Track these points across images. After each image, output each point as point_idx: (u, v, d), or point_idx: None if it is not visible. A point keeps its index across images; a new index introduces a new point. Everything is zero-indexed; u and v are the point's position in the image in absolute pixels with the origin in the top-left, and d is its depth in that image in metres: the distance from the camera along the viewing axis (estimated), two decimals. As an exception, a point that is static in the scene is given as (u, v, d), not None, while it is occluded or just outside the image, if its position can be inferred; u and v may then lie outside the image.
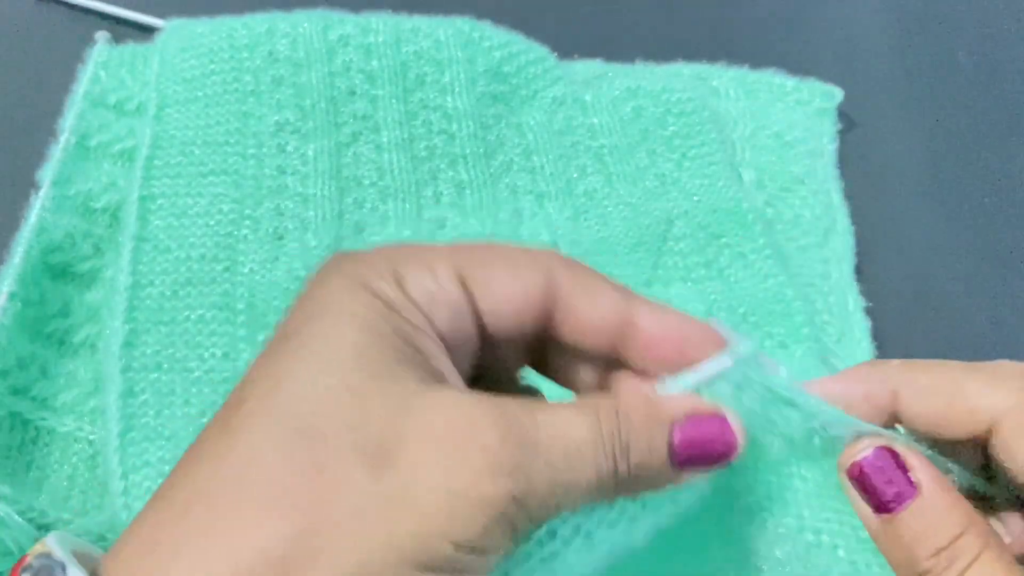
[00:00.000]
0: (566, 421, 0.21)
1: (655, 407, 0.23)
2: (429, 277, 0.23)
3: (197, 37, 0.45)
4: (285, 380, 0.21)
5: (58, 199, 0.40)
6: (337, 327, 0.21)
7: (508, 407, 0.21)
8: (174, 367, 0.37)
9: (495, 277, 0.24)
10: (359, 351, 0.21)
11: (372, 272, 0.23)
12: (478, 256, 0.24)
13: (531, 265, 0.24)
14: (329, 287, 0.23)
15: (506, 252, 0.25)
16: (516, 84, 0.47)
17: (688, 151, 0.46)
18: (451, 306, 0.23)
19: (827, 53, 0.54)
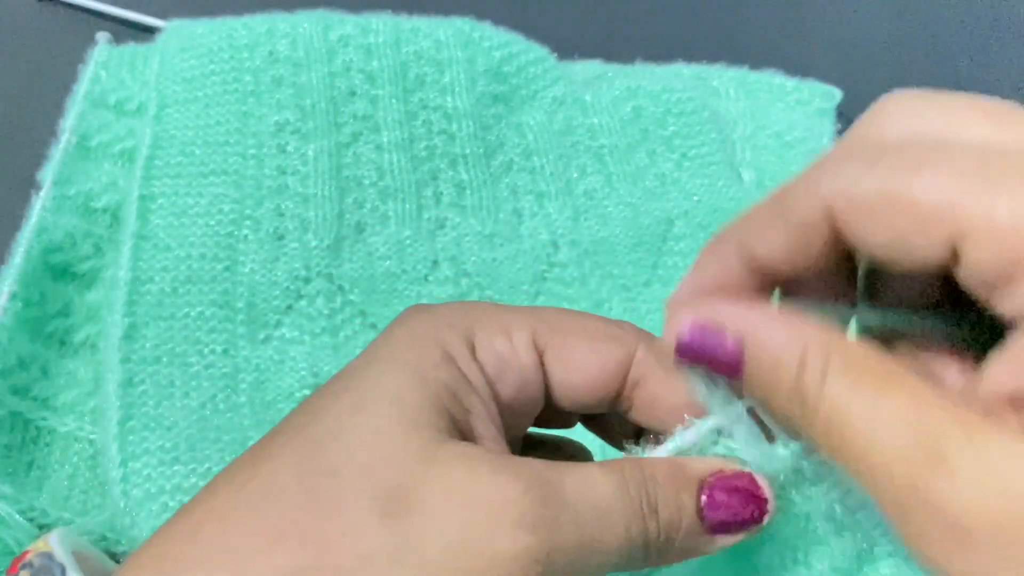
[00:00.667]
0: (592, 479, 0.20)
1: (680, 466, 0.22)
2: (503, 340, 0.23)
3: (197, 37, 0.45)
4: (321, 416, 0.21)
5: (59, 199, 0.41)
6: (385, 372, 0.21)
7: (533, 464, 0.20)
8: (174, 360, 0.37)
9: (574, 349, 0.23)
10: (397, 396, 0.21)
11: (443, 326, 0.22)
12: (558, 324, 0.23)
13: (611, 339, 0.23)
14: (394, 334, 0.22)
15: (587, 321, 0.24)
16: (516, 84, 0.47)
17: (688, 151, 0.46)
18: (521, 373, 0.23)
19: (826, 53, 0.54)
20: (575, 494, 0.20)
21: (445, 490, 0.19)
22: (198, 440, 0.34)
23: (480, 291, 0.42)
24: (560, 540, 0.19)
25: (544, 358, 0.23)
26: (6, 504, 0.34)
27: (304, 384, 0.39)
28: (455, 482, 0.19)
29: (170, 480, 0.33)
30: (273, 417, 0.38)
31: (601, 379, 0.23)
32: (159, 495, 0.33)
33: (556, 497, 0.19)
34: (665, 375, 0.23)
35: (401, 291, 0.42)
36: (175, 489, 0.33)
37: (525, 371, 0.23)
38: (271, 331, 0.39)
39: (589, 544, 0.20)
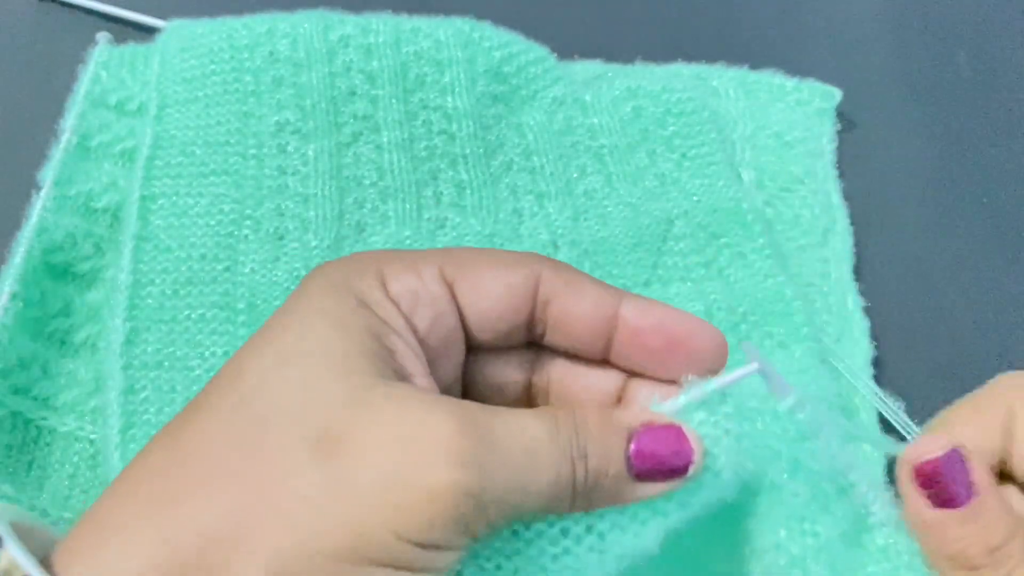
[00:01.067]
0: (525, 423, 0.21)
1: (611, 416, 0.22)
2: (413, 276, 0.23)
3: (198, 37, 0.45)
4: (247, 372, 0.21)
5: (59, 199, 0.41)
6: (304, 322, 0.22)
7: (466, 404, 0.21)
8: (175, 365, 0.37)
9: (480, 276, 0.24)
10: (322, 345, 0.21)
11: (354, 272, 0.23)
12: (464, 258, 0.24)
13: (516, 265, 0.24)
14: (308, 287, 0.23)
15: (492, 254, 0.25)
16: (516, 84, 0.47)
17: (688, 151, 0.46)
18: (434, 305, 0.23)
19: (826, 53, 0.54)
20: (507, 436, 0.20)
21: (377, 429, 0.20)
22: None
23: (480, 291, 0.42)
24: (491, 478, 0.20)
25: (454, 290, 0.24)
26: (7, 504, 0.34)
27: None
28: (386, 421, 0.20)
29: None
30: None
31: (511, 300, 0.24)
32: None
33: (488, 437, 0.20)
34: (572, 288, 0.24)
35: (401, 291, 0.42)
36: None
37: (437, 302, 0.23)
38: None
39: (519, 484, 0.20)
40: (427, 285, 0.23)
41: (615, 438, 0.22)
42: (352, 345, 0.21)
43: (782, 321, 0.42)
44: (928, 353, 0.45)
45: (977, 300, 0.46)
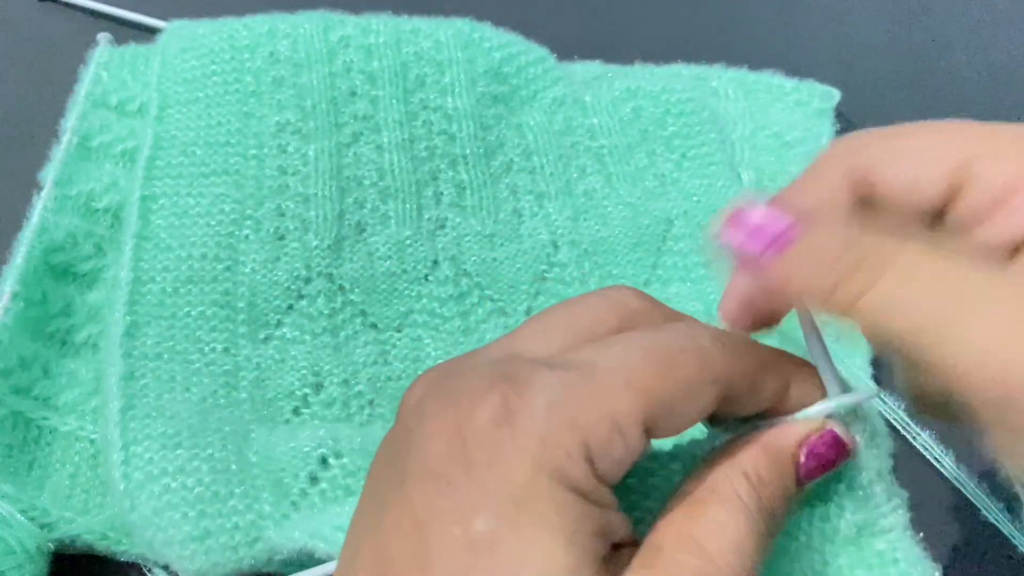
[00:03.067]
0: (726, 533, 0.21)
1: (776, 450, 0.22)
2: (621, 446, 0.20)
3: (198, 38, 0.45)
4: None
5: (60, 199, 0.41)
6: (542, 546, 0.19)
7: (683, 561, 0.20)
8: (175, 357, 0.37)
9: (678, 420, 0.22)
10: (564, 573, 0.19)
11: (560, 452, 0.20)
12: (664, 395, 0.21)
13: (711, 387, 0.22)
14: (512, 474, 0.19)
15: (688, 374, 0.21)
16: (516, 85, 0.47)
17: (687, 151, 0.47)
18: (633, 459, 0.21)
19: (825, 54, 0.54)
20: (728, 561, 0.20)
21: None
22: (200, 429, 0.34)
23: (480, 291, 0.43)
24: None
25: (652, 434, 0.21)
26: (7, 503, 0.34)
27: (304, 383, 0.39)
28: None
29: (172, 463, 0.32)
30: (274, 415, 0.38)
31: (697, 421, 0.22)
32: (161, 477, 0.32)
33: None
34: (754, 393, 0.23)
35: (401, 291, 0.42)
36: (177, 471, 0.32)
37: (637, 458, 0.21)
38: (272, 331, 0.39)
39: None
40: (632, 452, 0.21)
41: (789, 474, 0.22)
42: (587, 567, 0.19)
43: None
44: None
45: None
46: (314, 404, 0.39)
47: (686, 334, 0.22)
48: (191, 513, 0.32)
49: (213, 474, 0.33)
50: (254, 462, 0.34)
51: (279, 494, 0.33)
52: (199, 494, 0.32)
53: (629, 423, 0.20)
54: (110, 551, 0.35)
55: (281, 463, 0.34)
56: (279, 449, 0.35)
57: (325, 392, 0.39)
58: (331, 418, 0.38)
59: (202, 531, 0.32)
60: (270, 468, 0.34)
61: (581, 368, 0.21)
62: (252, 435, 0.35)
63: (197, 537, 0.32)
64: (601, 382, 0.21)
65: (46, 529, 0.34)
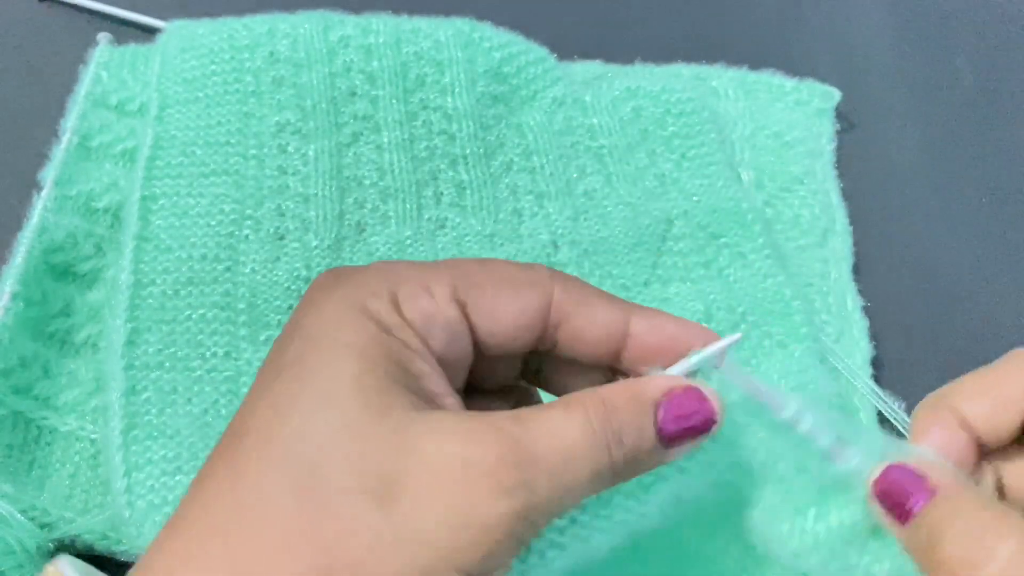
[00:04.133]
0: (559, 425, 0.22)
1: (638, 390, 0.23)
2: (426, 298, 0.23)
3: (198, 38, 0.45)
4: (286, 414, 0.21)
5: (60, 199, 0.41)
6: (334, 356, 0.22)
7: (502, 424, 0.21)
8: (176, 366, 0.37)
9: (493, 298, 0.24)
10: (356, 382, 0.21)
11: (368, 293, 0.23)
12: (476, 276, 0.24)
13: (528, 285, 0.24)
14: (324, 311, 0.23)
15: (503, 271, 0.25)
16: (516, 85, 0.47)
17: (687, 151, 0.47)
18: (448, 327, 0.23)
19: (825, 54, 0.54)
20: (545, 448, 0.21)
21: (426, 470, 0.20)
22: (200, 449, 0.35)
23: (480, 291, 0.43)
24: (538, 495, 0.21)
25: (467, 311, 0.24)
26: (7, 503, 0.34)
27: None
28: (432, 460, 0.20)
29: (172, 491, 0.34)
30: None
31: (523, 324, 0.24)
32: (163, 506, 0.33)
33: (528, 457, 0.21)
34: (584, 309, 0.25)
35: (401, 291, 0.42)
36: (177, 500, 0.33)
37: (451, 324, 0.23)
38: (272, 332, 0.39)
39: (563, 489, 0.21)
40: (441, 308, 0.23)
41: (645, 416, 0.23)
42: (384, 378, 0.21)
43: (781, 321, 0.42)
44: (928, 353, 0.45)
45: (977, 300, 0.46)
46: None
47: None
48: None
49: None
50: None
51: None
52: None
53: (437, 284, 0.23)
54: (110, 551, 0.35)
55: None
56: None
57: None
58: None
59: None
60: None
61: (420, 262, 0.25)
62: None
63: None
64: (424, 263, 0.25)
65: (46, 529, 0.34)
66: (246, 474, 0.20)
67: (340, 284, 0.23)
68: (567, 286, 0.25)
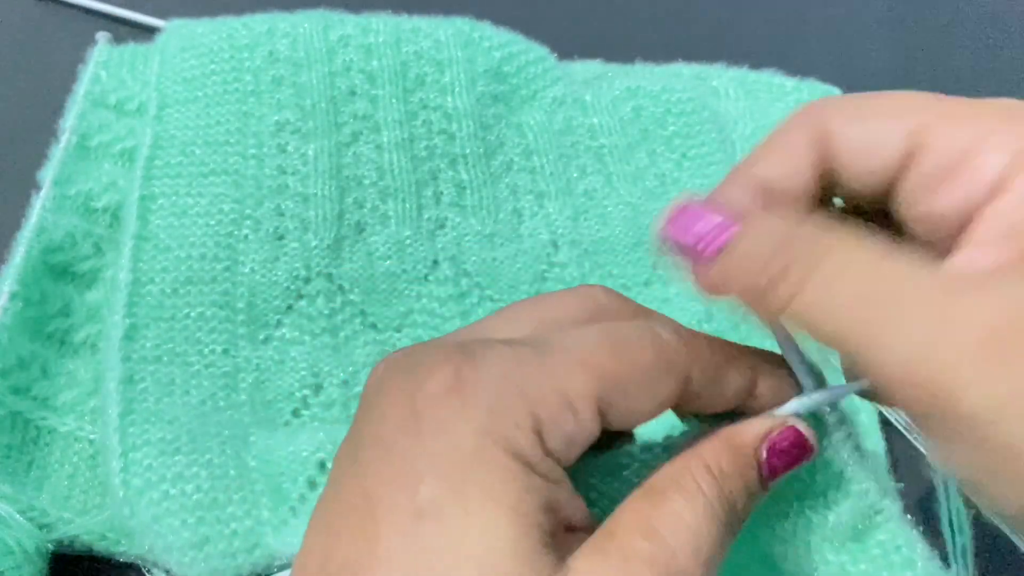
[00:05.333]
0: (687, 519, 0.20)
1: (738, 442, 0.22)
2: (571, 421, 0.20)
3: (197, 37, 0.45)
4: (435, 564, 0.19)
5: (59, 199, 0.41)
6: (486, 515, 0.19)
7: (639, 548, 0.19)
8: (174, 360, 0.37)
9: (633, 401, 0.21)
10: (514, 549, 0.19)
11: (510, 423, 0.20)
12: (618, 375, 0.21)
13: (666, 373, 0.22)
14: (456, 439, 0.19)
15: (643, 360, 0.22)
16: (516, 84, 0.47)
17: (688, 151, 0.46)
18: (586, 443, 0.21)
19: (826, 53, 0.54)
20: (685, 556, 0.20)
21: None
22: (199, 434, 0.34)
23: (480, 291, 0.42)
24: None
25: (607, 419, 0.21)
26: (6, 504, 0.34)
27: (304, 384, 0.39)
28: None
29: (171, 469, 0.33)
30: (274, 417, 0.38)
31: (658, 409, 0.22)
32: (160, 483, 0.32)
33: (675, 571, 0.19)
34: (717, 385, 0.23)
35: (401, 291, 0.42)
36: (176, 478, 0.32)
37: (590, 438, 0.21)
38: (271, 331, 0.39)
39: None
40: (584, 426, 0.21)
41: (751, 470, 0.22)
42: (538, 542, 0.19)
43: (782, 321, 0.42)
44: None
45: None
46: (314, 405, 0.38)
47: (646, 325, 0.22)
48: (190, 520, 0.32)
49: (212, 480, 0.33)
50: (253, 467, 0.34)
51: (278, 500, 0.33)
52: (198, 500, 0.32)
53: (580, 399, 0.20)
54: (109, 551, 0.35)
55: (280, 468, 0.34)
56: (278, 454, 0.34)
57: (324, 393, 0.39)
58: (331, 419, 0.38)
59: (201, 537, 0.32)
60: (269, 473, 0.34)
61: (537, 346, 0.21)
62: (251, 439, 0.35)
63: (196, 544, 0.32)
64: (554, 358, 0.21)
65: (45, 530, 0.34)
66: None
67: (469, 400, 0.20)
68: (703, 364, 0.22)
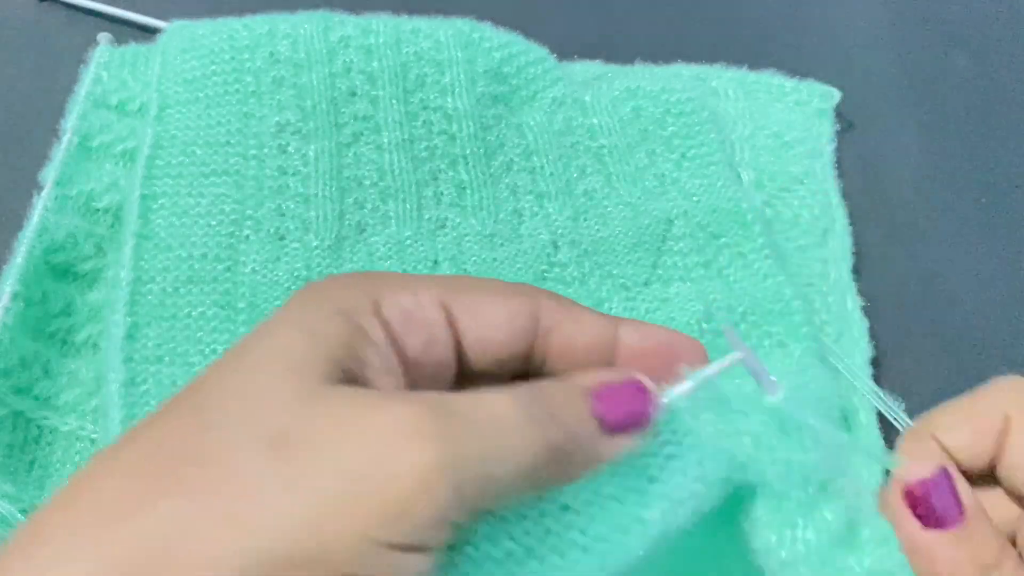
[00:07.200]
0: (486, 397, 0.20)
1: (566, 380, 0.22)
2: (408, 297, 0.22)
3: (198, 38, 0.45)
4: (205, 381, 0.20)
5: (60, 199, 0.41)
6: (273, 331, 0.21)
7: (424, 392, 0.20)
8: (176, 360, 0.37)
9: (481, 303, 0.23)
10: (284, 350, 0.20)
11: (341, 286, 0.22)
12: (464, 283, 0.24)
13: (517, 294, 0.24)
14: (292, 300, 0.22)
15: (492, 282, 0.24)
16: (516, 85, 0.47)
17: (687, 151, 0.47)
18: (428, 328, 0.22)
19: (825, 54, 0.54)
20: (471, 409, 0.19)
21: (333, 424, 0.18)
22: None
23: (480, 291, 0.43)
24: (463, 448, 0.18)
25: (452, 315, 0.23)
26: (8, 503, 0.34)
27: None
28: (343, 416, 0.18)
29: None
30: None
31: (512, 329, 0.23)
32: None
33: (451, 412, 0.19)
34: (576, 317, 0.24)
35: (401, 291, 0.42)
36: None
37: (432, 326, 0.22)
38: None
39: (494, 453, 0.19)
40: (423, 307, 0.22)
41: (578, 397, 0.21)
42: (315, 349, 0.20)
43: (781, 321, 0.42)
44: (927, 353, 0.45)
45: (976, 300, 0.46)
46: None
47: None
48: None
49: None
50: None
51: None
52: None
53: (422, 289, 0.22)
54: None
55: None
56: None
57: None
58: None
59: None
60: None
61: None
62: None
63: None
64: (414, 275, 0.23)
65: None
66: (142, 435, 0.20)
67: (323, 283, 0.23)
68: (555, 296, 0.24)
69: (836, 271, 0.45)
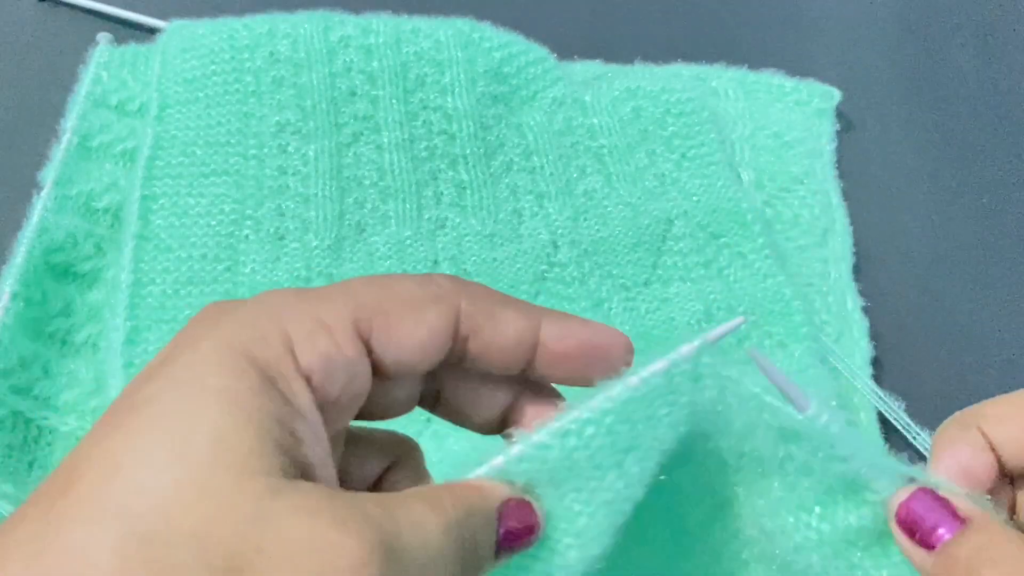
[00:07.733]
0: (425, 527, 0.20)
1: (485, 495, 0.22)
2: (325, 339, 0.21)
3: (198, 38, 0.45)
4: (127, 465, 0.18)
5: (60, 199, 0.41)
6: (198, 403, 0.19)
7: (369, 510, 0.19)
8: None
9: (398, 325, 0.22)
10: (218, 437, 0.18)
11: (256, 335, 0.20)
12: (376, 303, 0.22)
13: (433, 302, 0.23)
14: (199, 350, 0.20)
15: (404, 291, 0.23)
16: (516, 85, 0.47)
17: (687, 151, 0.47)
18: (349, 368, 0.21)
19: (826, 54, 0.54)
20: (413, 548, 0.19)
21: (282, 552, 0.18)
22: None
23: (480, 291, 0.43)
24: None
25: (370, 344, 0.22)
26: (8, 503, 0.34)
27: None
28: (296, 544, 0.18)
29: None
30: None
31: (432, 346, 0.22)
32: None
33: (397, 556, 0.19)
34: (496, 322, 0.23)
35: (401, 291, 0.42)
36: None
37: (352, 366, 0.21)
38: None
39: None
40: (342, 349, 0.21)
41: (492, 523, 0.22)
42: (255, 438, 0.18)
43: (781, 321, 0.42)
44: (927, 353, 0.45)
45: (977, 300, 0.46)
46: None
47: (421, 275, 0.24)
48: None
49: None
50: None
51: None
52: None
53: (335, 320, 0.21)
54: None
55: None
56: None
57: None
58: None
59: None
60: None
61: (308, 290, 0.22)
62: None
63: None
64: (315, 293, 0.22)
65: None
66: (67, 532, 0.17)
67: (223, 321, 0.20)
68: (473, 297, 0.23)
69: (836, 271, 0.45)
